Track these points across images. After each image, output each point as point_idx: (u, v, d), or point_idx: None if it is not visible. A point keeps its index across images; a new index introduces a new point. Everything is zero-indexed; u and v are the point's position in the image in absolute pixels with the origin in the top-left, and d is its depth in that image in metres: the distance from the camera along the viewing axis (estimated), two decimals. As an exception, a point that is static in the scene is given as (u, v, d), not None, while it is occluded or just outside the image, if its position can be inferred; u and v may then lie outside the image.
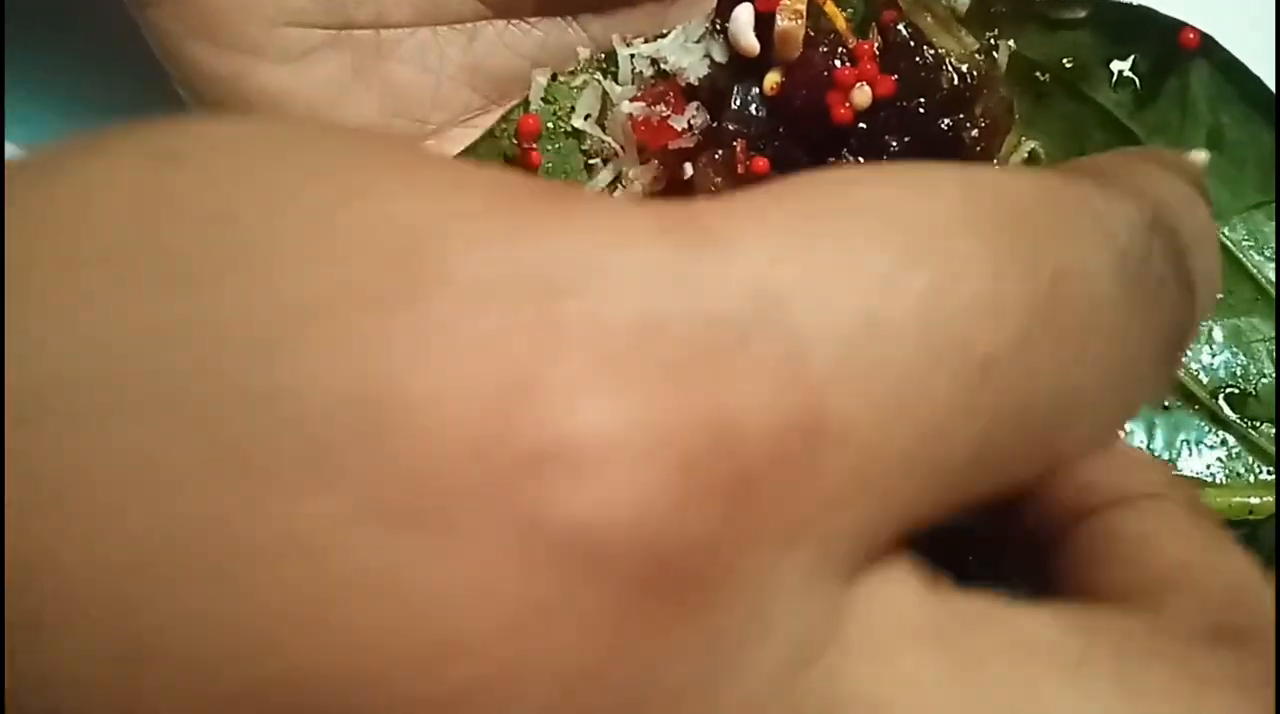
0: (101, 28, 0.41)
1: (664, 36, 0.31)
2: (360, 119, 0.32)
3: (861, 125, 0.29)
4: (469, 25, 0.32)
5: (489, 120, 0.32)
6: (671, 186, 0.31)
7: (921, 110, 0.29)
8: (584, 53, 0.32)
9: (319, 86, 0.31)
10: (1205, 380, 0.32)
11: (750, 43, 0.30)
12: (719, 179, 0.30)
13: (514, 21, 0.33)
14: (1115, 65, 0.30)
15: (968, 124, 0.30)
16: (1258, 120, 0.30)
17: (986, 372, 0.13)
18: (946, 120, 0.29)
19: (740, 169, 0.30)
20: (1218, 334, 0.32)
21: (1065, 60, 0.31)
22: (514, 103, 0.32)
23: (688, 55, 0.31)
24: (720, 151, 0.30)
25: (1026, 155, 0.32)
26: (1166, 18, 0.30)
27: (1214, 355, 0.32)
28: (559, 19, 0.33)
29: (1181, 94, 0.30)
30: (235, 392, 0.11)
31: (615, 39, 0.32)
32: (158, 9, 0.30)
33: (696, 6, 0.32)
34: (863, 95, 0.29)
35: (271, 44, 0.30)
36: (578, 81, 0.32)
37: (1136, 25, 0.30)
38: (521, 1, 0.32)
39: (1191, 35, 0.30)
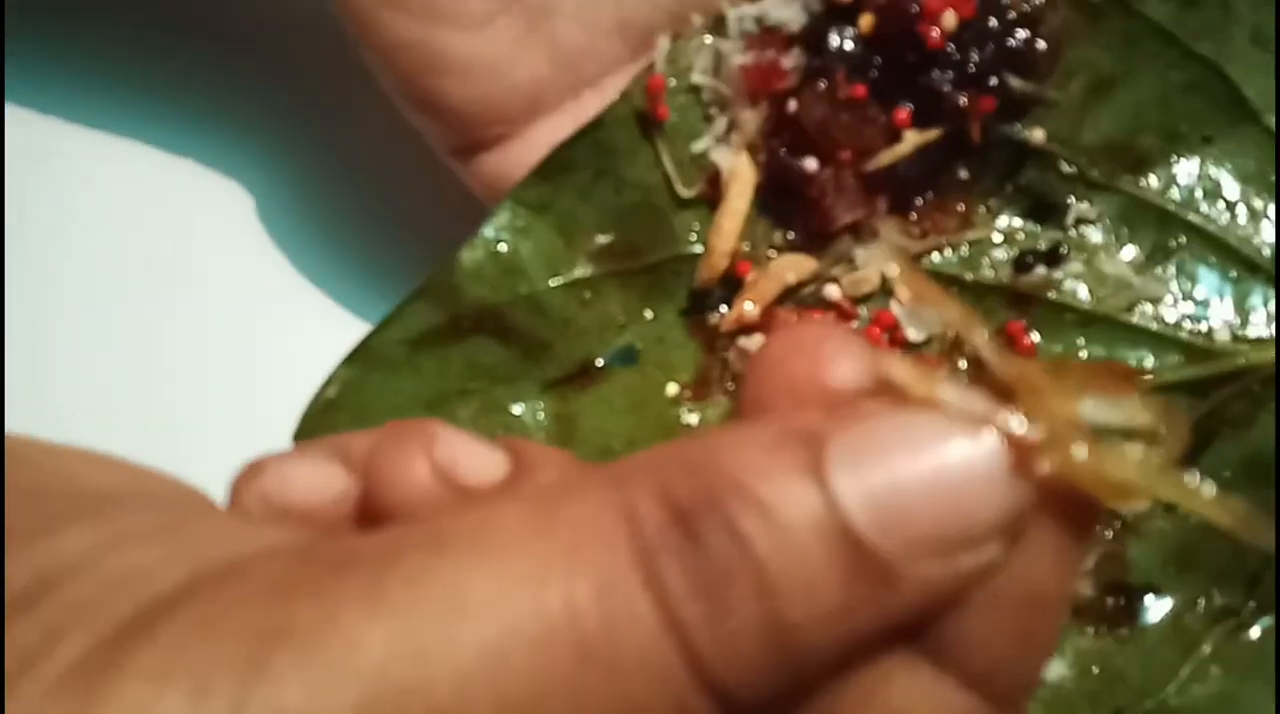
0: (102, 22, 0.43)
1: (764, -2, 0.36)
2: (533, 74, 0.35)
3: (949, 46, 0.34)
4: None
5: (635, 69, 0.36)
6: (780, 124, 0.36)
7: (997, 27, 0.34)
8: (698, 19, 0.36)
9: (501, 48, 0.35)
10: (1267, 253, 0.36)
11: (843, -9, 0.34)
12: (821, 108, 0.35)
13: None
14: (1160, -22, 0.34)
15: (1037, 41, 0.34)
16: (1297, 15, 0.34)
17: None
18: (1022, 33, 0.34)
19: (841, 96, 0.34)
20: (1273, 212, 0.36)
21: (1116, -21, 0.34)
22: (643, 66, 0.36)
23: (787, 9, 0.35)
24: (823, 83, 0.35)
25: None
26: (1202, -69, 0.34)
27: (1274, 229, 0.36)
28: None
29: (1222, -1, 0.34)
30: None
31: (724, 3, 0.36)
32: None
33: None
34: (950, 20, 0.33)
35: (457, 10, 0.34)
36: (694, 43, 0.36)
37: (1176, -60, 0.34)
38: None
39: (1226, -56, 0.34)
